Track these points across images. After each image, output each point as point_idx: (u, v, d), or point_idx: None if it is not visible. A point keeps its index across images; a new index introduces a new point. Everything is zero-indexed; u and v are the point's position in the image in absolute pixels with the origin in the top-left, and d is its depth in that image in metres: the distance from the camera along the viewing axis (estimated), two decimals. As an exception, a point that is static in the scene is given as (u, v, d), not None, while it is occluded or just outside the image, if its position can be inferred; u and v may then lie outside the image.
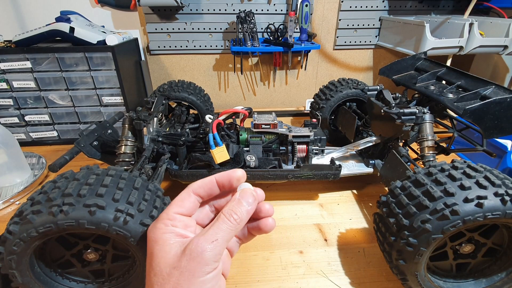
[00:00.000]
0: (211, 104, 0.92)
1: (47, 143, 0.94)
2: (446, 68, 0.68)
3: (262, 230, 0.33)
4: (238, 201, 0.31)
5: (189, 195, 0.32)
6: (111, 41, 0.83)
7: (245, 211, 0.30)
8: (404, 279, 0.42)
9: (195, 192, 0.32)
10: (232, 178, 0.32)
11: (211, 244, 0.27)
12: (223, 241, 0.28)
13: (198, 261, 0.27)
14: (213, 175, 0.32)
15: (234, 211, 0.30)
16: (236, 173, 0.32)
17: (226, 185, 0.32)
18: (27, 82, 0.84)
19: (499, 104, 0.51)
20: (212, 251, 0.27)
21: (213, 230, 0.28)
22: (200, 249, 0.27)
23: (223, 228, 0.29)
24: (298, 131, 0.65)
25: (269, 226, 0.33)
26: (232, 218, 0.29)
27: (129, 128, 0.59)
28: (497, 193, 0.36)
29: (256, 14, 1.01)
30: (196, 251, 0.27)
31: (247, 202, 0.31)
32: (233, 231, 0.29)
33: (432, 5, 1.07)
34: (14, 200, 0.68)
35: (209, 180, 0.32)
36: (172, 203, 0.31)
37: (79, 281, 0.43)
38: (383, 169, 0.64)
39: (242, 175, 0.32)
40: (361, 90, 0.79)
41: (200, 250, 0.27)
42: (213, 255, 0.27)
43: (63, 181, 0.38)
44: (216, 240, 0.28)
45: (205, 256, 0.27)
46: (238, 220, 0.30)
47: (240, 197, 0.31)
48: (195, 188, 0.32)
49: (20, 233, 0.35)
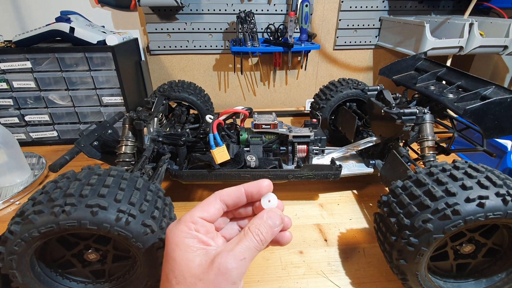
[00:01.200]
0: (211, 104, 0.92)
1: (47, 143, 0.93)
2: (446, 68, 0.68)
3: (280, 242, 0.33)
4: (267, 223, 0.31)
5: (216, 201, 0.31)
6: (111, 41, 0.83)
7: (270, 233, 0.30)
8: (405, 279, 0.42)
9: (222, 199, 0.32)
10: (261, 188, 0.32)
11: (239, 262, 0.28)
12: (249, 260, 0.29)
13: (226, 277, 0.27)
14: (241, 185, 0.32)
15: (261, 231, 0.30)
16: (264, 183, 0.32)
17: (255, 196, 0.32)
18: (27, 82, 0.84)
19: (499, 104, 0.52)
20: (239, 269, 0.28)
21: (241, 247, 0.29)
22: (230, 266, 0.27)
23: (250, 247, 0.29)
24: (298, 131, 0.65)
25: (286, 239, 0.33)
26: (259, 238, 0.30)
27: (129, 128, 0.59)
28: (498, 193, 0.36)
29: (256, 14, 1.01)
30: (225, 267, 0.27)
31: (274, 223, 0.31)
32: (258, 250, 0.30)
33: (432, 5, 1.07)
34: (14, 200, 0.68)
35: (238, 189, 0.32)
36: (197, 206, 0.31)
37: (80, 281, 0.43)
38: (383, 169, 0.64)
39: (270, 186, 0.32)
40: (361, 90, 0.79)
41: (229, 267, 0.27)
42: (240, 273, 0.28)
43: (64, 181, 0.38)
44: (244, 259, 0.28)
45: (233, 273, 0.27)
46: (264, 241, 0.30)
47: (268, 217, 0.31)
48: (223, 196, 0.32)
49: (22, 233, 0.35)
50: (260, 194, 0.32)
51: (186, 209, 0.65)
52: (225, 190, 0.32)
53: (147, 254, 0.38)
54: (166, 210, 0.43)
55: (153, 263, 0.39)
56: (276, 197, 0.33)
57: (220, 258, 0.28)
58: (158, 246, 0.38)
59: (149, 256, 0.38)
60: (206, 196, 0.75)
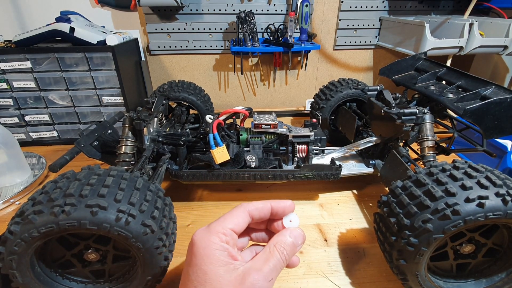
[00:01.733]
0: (211, 104, 0.92)
1: (47, 143, 0.93)
2: (446, 68, 0.68)
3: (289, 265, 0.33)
4: (292, 244, 0.31)
5: (245, 214, 0.32)
6: (111, 41, 0.83)
7: (293, 253, 0.31)
8: (405, 279, 0.42)
9: (250, 213, 0.32)
10: (286, 208, 0.33)
11: (268, 283, 0.28)
12: (275, 279, 0.29)
13: None
14: (268, 201, 0.33)
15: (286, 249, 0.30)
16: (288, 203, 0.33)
17: (279, 214, 0.33)
18: (27, 82, 0.84)
19: (499, 104, 0.51)
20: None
21: (269, 267, 0.29)
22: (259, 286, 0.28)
23: (277, 266, 0.29)
24: (298, 131, 0.65)
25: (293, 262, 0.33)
26: (284, 257, 0.30)
27: (129, 128, 0.59)
28: (498, 193, 0.36)
29: (256, 14, 1.01)
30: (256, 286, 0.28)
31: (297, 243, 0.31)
32: (280, 270, 0.30)
33: (432, 5, 1.07)
34: (14, 200, 0.68)
35: (265, 205, 0.33)
36: (227, 217, 0.31)
37: (79, 281, 0.43)
38: (383, 169, 0.64)
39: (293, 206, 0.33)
40: (361, 90, 0.79)
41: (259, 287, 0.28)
42: None
43: (64, 181, 0.38)
44: (272, 280, 0.29)
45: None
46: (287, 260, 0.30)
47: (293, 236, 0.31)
48: (251, 210, 0.32)
49: (22, 233, 0.35)
50: (283, 213, 0.33)
51: (186, 209, 0.65)
52: (252, 203, 0.33)
53: (147, 254, 0.38)
54: (166, 210, 0.43)
55: (153, 263, 0.39)
56: (297, 217, 0.33)
57: (251, 277, 0.28)
58: (158, 246, 0.38)
59: (149, 256, 0.38)
60: (206, 196, 0.74)
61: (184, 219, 0.62)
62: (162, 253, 0.40)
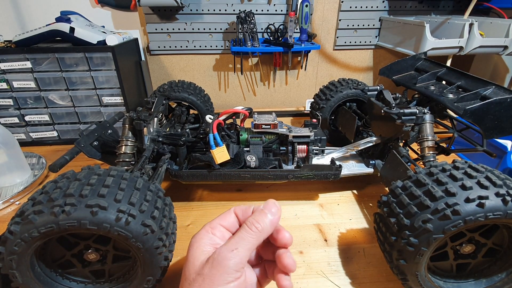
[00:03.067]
0: (211, 104, 0.92)
1: (47, 143, 0.93)
2: (446, 68, 0.68)
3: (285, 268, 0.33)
4: (261, 211, 0.32)
5: (230, 212, 0.35)
6: (111, 41, 0.83)
7: (268, 221, 0.31)
8: (405, 279, 0.42)
9: (235, 211, 0.35)
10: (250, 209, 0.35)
11: (231, 253, 0.28)
12: (244, 250, 0.29)
13: (219, 269, 0.28)
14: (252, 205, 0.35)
15: (257, 220, 0.31)
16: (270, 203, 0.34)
17: None
18: (27, 82, 0.84)
19: (499, 104, 0.51)
20: (232, 259, 0.28)
21: (234, 239, 0.30)
22: (221, 257, 0.28)
23: (244, 237, 0.30)
24: (298, 131, 0.65)
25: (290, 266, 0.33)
26: (254, 227, 0.31)
27: (129, 128, 0.59)
28: (498, 193, 0.36)
29: (256, 14, 1.01)
30: (217, 259, 0.28)
31: (270, 212, 0.32)
32: (255, 240, 0.30)
33: (432, 5, 1.07)
34: (14, 200, 0.68)
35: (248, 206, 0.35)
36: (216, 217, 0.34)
37: (79, 281, 0.43)
38: (383, 169, 0.64)
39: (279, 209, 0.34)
40: (361, 90, 0.79)
41: (220, 258, 0.28)
42: (233, 263, 0.28)
43: (64, 181, 0.38)
44: (236, 249, 0.29)
45: (226, 264, 0.28)
46: (260, 229, 0.31)
47: (264, 207, 0.33)
48: (235, 208, 0.35)
49: (22, 233, 0.35)
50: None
51: (186, 209, 0.65)
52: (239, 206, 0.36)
53: (147, 254, 0.38)
54: (166, 210, 0.43)
55: (153, 263, 0.39)
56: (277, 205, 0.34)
57: (214, 252, 0.29)
58: (158, 246, 0.38)
59: (149, 256, 0.38)
60: (206, 196, 0.75)
61: (184, 219, 0.62)
62: (162, 253, 0.40)
